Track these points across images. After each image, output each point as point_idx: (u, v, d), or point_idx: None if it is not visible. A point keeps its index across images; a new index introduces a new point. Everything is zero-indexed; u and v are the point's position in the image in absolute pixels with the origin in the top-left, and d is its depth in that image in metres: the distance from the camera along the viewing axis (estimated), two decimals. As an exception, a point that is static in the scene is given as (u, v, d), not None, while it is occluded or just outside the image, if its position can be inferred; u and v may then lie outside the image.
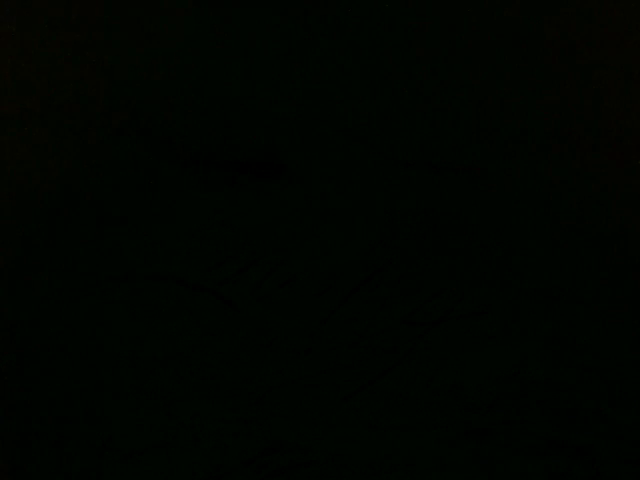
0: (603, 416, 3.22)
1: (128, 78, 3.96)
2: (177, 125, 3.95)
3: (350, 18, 3.81)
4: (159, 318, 3.74)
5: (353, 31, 3.79)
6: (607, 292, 3.55)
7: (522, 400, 3.37)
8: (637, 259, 3.50)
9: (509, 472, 3.08)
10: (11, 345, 3.37)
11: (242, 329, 3.76)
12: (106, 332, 3.73)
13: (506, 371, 3.46)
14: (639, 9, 3.70)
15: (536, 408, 3.34)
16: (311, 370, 3.65)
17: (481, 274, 3.60)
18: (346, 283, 3.80)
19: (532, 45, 3.67)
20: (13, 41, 3.39)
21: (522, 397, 3.38)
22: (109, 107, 3.80)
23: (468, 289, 3.56)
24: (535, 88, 3.65)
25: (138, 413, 3.38)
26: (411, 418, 3.39)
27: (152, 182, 3.90)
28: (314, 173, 3.91)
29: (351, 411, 3.44)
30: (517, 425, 3.28)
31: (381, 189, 3.77)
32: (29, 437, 3.17)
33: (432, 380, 3.53)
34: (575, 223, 3.62)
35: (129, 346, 3.69)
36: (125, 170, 3.94)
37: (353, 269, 3.78)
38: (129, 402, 3.44)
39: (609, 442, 3.13)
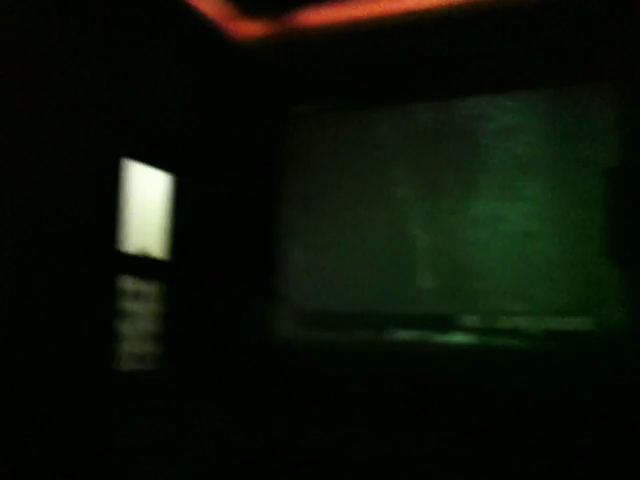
0: (603, 416, 3.22)
1: (129, 80, 3.95)
2: (176, 126, 3.95)
3: None
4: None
5: None
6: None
7: (522, 400, 3.36)
8: None
9: (509, 472, 3.08)
10: (11, 345, 3.37)
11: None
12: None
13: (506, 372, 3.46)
14: None
15: (536, 408, 3.34)
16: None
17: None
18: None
19: None
20: (13, 41, 3.38)
21: (522, 397, 3.38)
22: (110, 108, 3.79)
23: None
24: None
25: (138, 413, 3.38)
26: (411, 418, 3.39)
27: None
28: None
29: (351, 411, 3.45)
30: (517, 425, 3.27)
31: None
32: (29, 437, 3.18)
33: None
34: None
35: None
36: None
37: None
38: (129, 402, 3.44)
39: (609, 442, 3.13)
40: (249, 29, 4.02)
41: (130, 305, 3.57)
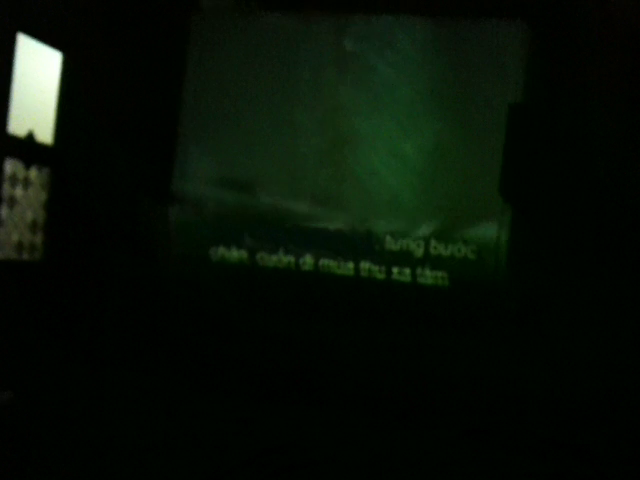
0: (603, 416, 3.22)
1: (129, 81, 3.96)
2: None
3: None
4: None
5: None
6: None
7: (522, 400, 3.37)
8: None
9: (509, 472, 3.08)
10: (11, 345, 3.37)
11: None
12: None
13: (507, 372, 3.47)
14: None
15: (536, 408, 3.34)
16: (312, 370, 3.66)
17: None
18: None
19: None
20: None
21: (522, 397, 3.38)
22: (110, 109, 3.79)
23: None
24: None
25: (138, 413, 3.38)
26: (411, 418, 3.39)
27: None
28: None
29: (351, 411, 3.45)
30: (517, 425, 3.28)
31: None
32: (29, 436, 3.18)
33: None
34: None
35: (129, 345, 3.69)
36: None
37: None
38: (129, 402, 3.44)
39: (609, 442, 3.13)
40: None
41: (14, 191, 3.38)
